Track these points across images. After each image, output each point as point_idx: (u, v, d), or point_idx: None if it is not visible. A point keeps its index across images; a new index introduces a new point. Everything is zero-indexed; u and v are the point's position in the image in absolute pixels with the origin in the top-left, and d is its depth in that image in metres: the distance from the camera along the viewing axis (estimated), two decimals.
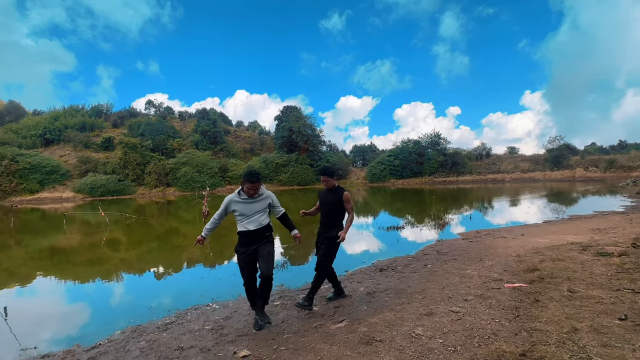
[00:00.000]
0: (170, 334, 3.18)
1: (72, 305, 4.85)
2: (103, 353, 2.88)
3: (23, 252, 9.31)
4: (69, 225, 13.85)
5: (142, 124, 56.86)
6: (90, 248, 9.41)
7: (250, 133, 74.29)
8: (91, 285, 5.73)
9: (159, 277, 6.07)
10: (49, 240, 11.00)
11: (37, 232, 12.91)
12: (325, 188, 3.78)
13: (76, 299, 5.18)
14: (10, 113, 63.63)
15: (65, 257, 8.40)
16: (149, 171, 47.26)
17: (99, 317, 4.14)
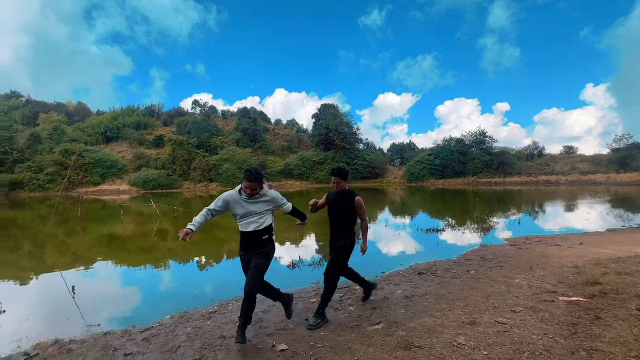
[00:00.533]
0: (213, 322, 3.36)
1: (127, 289, 5.32)
2: (155, 335, 3.12)
3: (87, 238, 10.41)
4: (125, 215, 15.21)
5: (189, 122, 60.48)
6: (142, 237, 10.25)
7: (288, 131, 75.73)
8: (142, 271, 6.24)
9: (201, 268, 6.44)
10: (108, 228, 12.17)
11: (98, 221, 14.35)
12: (334, 191, 3.48)
13: (130, 282, 5.67)
14: (78, 113, 71.12)
15: (121, 244, 9.24)
16: (194, 167, 50.21)
17: (150, 302, 4.50)
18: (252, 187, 2.79)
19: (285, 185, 50.77)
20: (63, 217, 15.45)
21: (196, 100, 73.61)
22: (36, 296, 4.96)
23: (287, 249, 7.52)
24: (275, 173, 53.35)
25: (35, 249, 8.75)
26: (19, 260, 7.47)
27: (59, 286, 5.17)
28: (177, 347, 2.85)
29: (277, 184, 50.70)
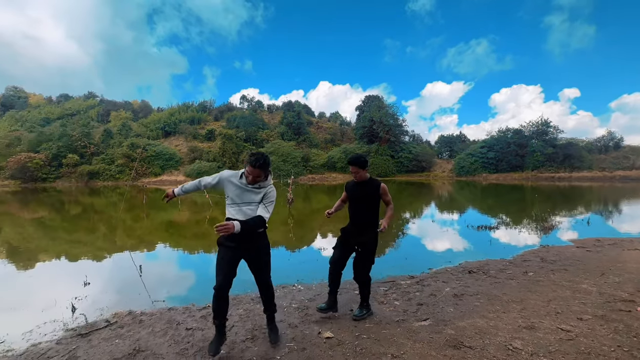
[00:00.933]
0: (262, 307, 3.55)
1: (184, 271, 5.82)
2: (211, 314, 3.39)
3: (149, 223, 11.54)
4: (182, 204, 16.57)
5: (237, 117, 63.45)
6: (195, 224, 11.09)
7: (332, 124, 75.83)
8: (196, 256, 6.78)
9: None
10: (167, 215, 13.35)
11: (159, 208, 15.80)
12: (352, 180, 3.25)
13: (186, 265, 6.20)
14: (142, 110, 78.35)
15: (178, 230, 10.10)
16: (242, 160, 52.73)
17: (204, 283, 4.88)
18: (255, 175, 2.47)
19: (328, 178, 51.13)
20: (130, 204, 17.31)
21: (244, 96, 76.83)
22: (111, 272, 5.65)
23: (330, 241, 7.61)
24: (318, 166, 53.96)
25: (109, 232, 9.95)
26: (96, 241, 8.56)
27: (129, 265, 5.84)
28: (231, 326, 3.07)
29: (320, 177, 51.26)
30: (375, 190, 3.08)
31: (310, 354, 2.52)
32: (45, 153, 49.60)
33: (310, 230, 9.15)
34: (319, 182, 43.05)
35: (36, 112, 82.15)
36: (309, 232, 8.78)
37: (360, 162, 3.07)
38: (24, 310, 3.83)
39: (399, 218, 11.22)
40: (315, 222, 10.57)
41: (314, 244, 7.41)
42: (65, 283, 5.02)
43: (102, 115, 74.34)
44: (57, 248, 7.62)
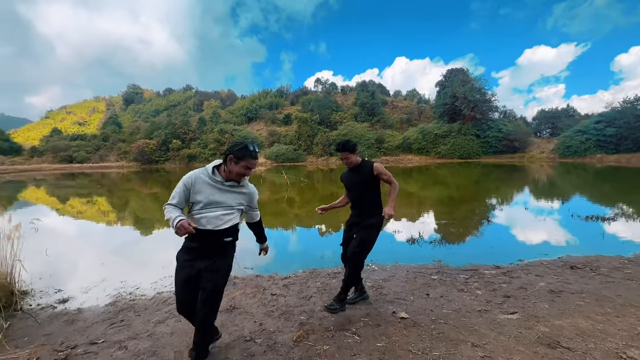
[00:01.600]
0: (338, 282, 3.73)
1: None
2: (292, 283, 3.73)
3: None
4: (263, 184, 18.07)
5: (312, 100, 64.93)
6: (274, 203, 11.99)
7: (408, 102, 71.86)
8: (275, 232, 7.38)
9: (322, 234, 7.11)
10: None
11: None
12: (346, 169, 3.04)
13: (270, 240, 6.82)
14: (229, 99, 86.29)
15: (261, 208, 11.09)
16: (316, 142, 54.25)
17: (285, 257, 5.33)
18: (252, 167, 2.04)
19: (402, 160, 49.15)
20: None
21: (318, 79, 77.92)
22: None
23: (405, 224, 7.43)
24: (392, 147, 52.18)
25: None
26: None
27: None
28: (309, 296, 3.33)
29: (394, 159, 49.62)
30: (369, 171, 2.83)
31: (384, 331, 2.58)
32: (156, 139, 59.15)
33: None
34: (393, 164, 41.76)
35: (149, 105, 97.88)
36: None
37: (350, 147, 2.84)
38: (150, 266, 4.79)
39: (482, 204, 10.25)
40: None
41: (387, 226, 7.33)
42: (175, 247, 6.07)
43: (197, 105, 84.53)
44: None
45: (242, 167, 2.01)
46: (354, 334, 2.56)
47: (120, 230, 8.04)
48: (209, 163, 2.09)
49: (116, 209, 11.71)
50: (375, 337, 2.50)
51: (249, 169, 2.03)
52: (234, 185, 2.09)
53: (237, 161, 1.99)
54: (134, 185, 21.94)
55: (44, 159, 63.22)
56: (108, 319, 3.01)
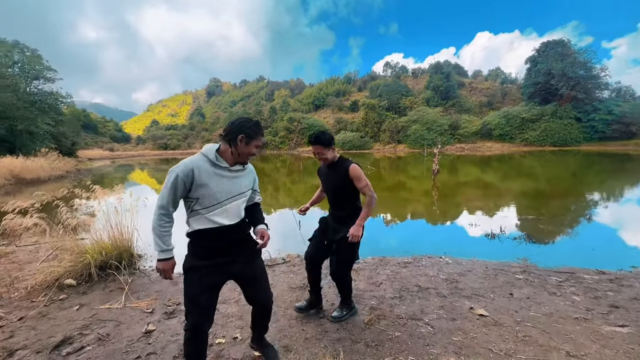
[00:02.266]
0: (409, 271, 3.66)
1: None
2: (361, 269, 3.78)
3: (304, 186, 13.44)
4: None
5: (380, 85, 62.92)
6: None
7: (490, 83, 64.67)
8: None
9: (387, 223, 6.97)
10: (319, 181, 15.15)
11: (310, 174, 18.09)
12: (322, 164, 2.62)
13: None
14: (297, 87, 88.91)
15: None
16: (383, 129, 52.77)
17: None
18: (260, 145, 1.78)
19: (480, 147, 44.75)
20: (290, 170, 20.58)
21: (387, 63, 74.87)
22: (281, 224, 7.04)
23: (482, 217, 6.83)
24: (469, 134, 47.80)
25: (274, 191, 12.24)
26: (266, 199, 10.75)
27: (290, 219, 7.07)
28: (379, 282, 3.34)
29: (470, 147, 45.54)
30: (345, 174, 2.40)
31: (461, 326, 2.47)
32: None
33: (455, 205, 8.44)
34: (468, 153, 38.33)
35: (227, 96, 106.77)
36: (453, 207, 8.13)
37: (323, 140, 2.39)
38: None
39: (581, 199, 8.80)
40: (460, 196, 9.66)
41: (460, 219, 6.84)
42: None
43: (269, 95, 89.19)
44: None
45: (253, 147, 1.74)
46: (427, 324, 2.50)
47: None
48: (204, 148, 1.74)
49: None
50: (451, 330, 2.41)
51: (259, 148, 1.80)
52: (239, 169, 1.80)
53: (249, 141, 1.71)
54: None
55: (146, 146, 74.58)
56: None
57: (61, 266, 3.53)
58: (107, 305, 3.00)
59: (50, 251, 4.21)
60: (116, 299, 3.11)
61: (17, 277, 3.53)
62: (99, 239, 3.88)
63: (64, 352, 2.27)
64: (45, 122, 25.71)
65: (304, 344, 2.31)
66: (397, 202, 9.19)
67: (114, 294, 3.23)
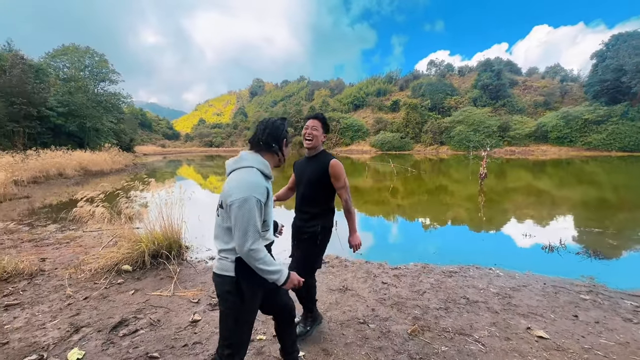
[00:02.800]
0: (454, 281, 3.44)
1: (367, 231, 6.43)
2: (403, 275, 3.64)
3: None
4: (368, 172, 18.10)
5: (423, 84, 60.73)
6: (377, 191, 11.84)
7: (547, 81, 59.48)
8: (375, 219, 7.27)
9: (426, 227, 6.64)
10: (354, 181, 14.97)
11: (348, 174, 17.94)
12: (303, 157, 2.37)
13: (367, 227, 6.80)
14: (337, 87, 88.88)
15: (362, 195, 11.15)
16: (425, 130, 50.85)
17: (392, 247, 5.23)
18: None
19: (534, 151, 41.32)
20: None
21: (432, 61, 72.01)
22: None
23: (536, 228, 6.24)
24: (521, 136, 44.37)
25: None
26: None
27: None
28: (423, 291, 3.18)
29: (522, 150, 42.29)
30: (325, 168, 2.16)
31: (517, 347, 2.25)
32: None
33: (504, 212, 7.83)
34: (519, 156, 35.53)
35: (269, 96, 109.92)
36: (502, 214, 7.54)
37: (325, 121, 2.27)
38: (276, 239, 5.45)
39: None
40: (510, 203, 8.94)
41: (511, 227, 6.31)
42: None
43: (309, 95, 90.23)
44: None
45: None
46: (477, 341, 2.32)
47: None
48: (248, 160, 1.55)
49: None
50: (505, 351, 2.20)
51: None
52: None
53: (288, 142, 1.74)
54: None
55: (193, 143, 79.41)
56: None
57: (119, 252, 3.83)
58: (158, 292, 3.19)
59: (111, 238, 4.61)
60: (166, 287, 3.30)
61: (83, 260, 3.90)
62: (152, 229, 4.16)
63: (121, 334, 2.45)
64: (109, 120, 28.50)
65: (344, 349, 2.25)
66: (438, 207, 8.76)
67: (164, 282, 3.43)
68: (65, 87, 25.51)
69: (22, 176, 11.70)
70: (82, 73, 29.31)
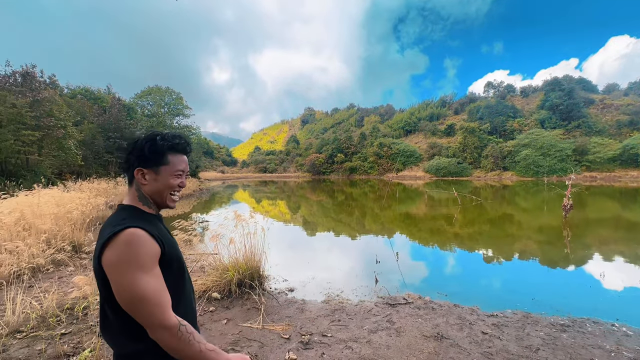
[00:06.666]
0: (571, 338, 2.97)
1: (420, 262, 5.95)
2: (503, 325, 3.24)
3: (391, 213, 12.84)
4: (422, 198, 17.28)
5: (481, 107, 57.90)
6: (432, 219, 11.10)
7: (632, 99, 52.72)
8: (429, 249, 6.73)
9: (510, 267, 5.94)
10: (406, 207, 14.33)
11: (400, 201, 17.30)
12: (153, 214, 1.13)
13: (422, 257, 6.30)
14: (387, 113, 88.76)
15: (415, 222, 10.53)
16: (485, 154, 47.74)
17: (478, 288, 4.76)
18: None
19: (620, 177, 36.02)
20: (377, 195, 20.17)
21: (489, 82, 68.77)
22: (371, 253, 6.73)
23: (629, 269, 5.22)
24: (602, 160, 39.20)
25: (361, 216, 12.04)
26: (352, 222, 10.61)
27: (382, 248, 6.70)
28: (535, 348, 2.78)
29: (605, 175, 37.19)
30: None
31: None
32: (324, 154, 67.72)
33: (603, 252, 6.73)
34: (602, 183, 31.13)
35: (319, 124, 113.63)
36: (600, 254, 6.48)
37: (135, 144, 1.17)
38: (341, 271, 5.35)
39: None
40: (596, 237, 7.69)
41: (615, 271, 5.37)
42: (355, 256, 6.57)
43: (358, 121, 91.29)
44: (331, 224, 10.28)
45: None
46: None
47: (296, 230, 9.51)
48: None
49: (291, 211, 14.20)
50: None
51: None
52: None
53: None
54: (305, 192, 25.86)
55: (249, 169, 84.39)
56: (327, 315, 3.51)
57: (209, 279, 4.06)
58: (248, 323, 3.26)
59: (197, 263, 4.92)
60: (254, 318, 3.36)
61: None
62: (235, 257, 4.35)
63: None
64: None
65: None
66: (522, 244, 7.89)
67: (251, 313, 3.51)
68: (149, 122, 29.36)
69: (114, 201, 13.40)
70: (162, 109, 33.64)
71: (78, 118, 21.61)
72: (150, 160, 1.06)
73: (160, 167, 1.08)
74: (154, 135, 1.09)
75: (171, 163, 1.09)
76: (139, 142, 1.08)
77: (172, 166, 1.09)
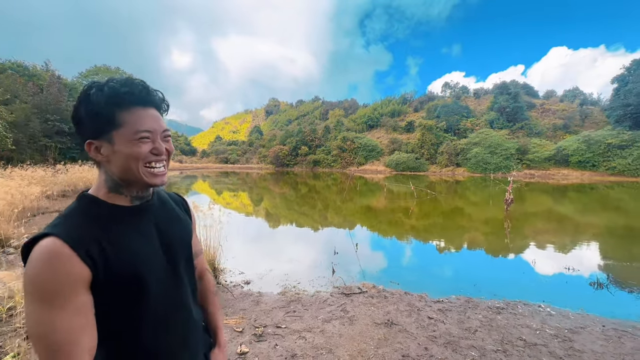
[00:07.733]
0: (505, 319, 3.27)
1: (387, 254, 6.26)
2: (447, 310, 3.48)
3: (352, 205, 13.22)
4: (381, 192, 17.93)
5: (438, 106, 60.94)
6: (390, 212, 11.62)
7: (566, 105, 58.73)
8: (388, 240, 7.09)
9: (457, 256, 6.42)
10: (367, 200, 14.82)
11: (361, 194, 17.80)
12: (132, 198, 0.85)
13: (379, 247, 6.62)
14: (351, 107, 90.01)
15: (374, 215, 10.97)
16: (441, 151, 50.49)
17: (428, 276, 5.06)
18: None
19: (554, 175, 40.23)
20: (339, 188, 20.56)
21: (447, 83, 72.58)
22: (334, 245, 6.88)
23: (576, 259, 5.94)
24: (540, 159, 43.41)
25: (323, 209, 12.24)
26: (314, 214, 10.76)
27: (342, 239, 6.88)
28: (474, 329, 3.02)
29: (541, 173, 41.28)
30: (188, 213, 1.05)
31: None
32: (288, 146, 67.14)
33: (538, 241, 7.51)
34: (539, 180, 34.58)
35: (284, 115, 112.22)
36: (535, 243, 7.23)
37: None
38: (300, 263, 5.38)
39: None
40: (542, 232, 8.59)
41: (548, 259, 6.03)
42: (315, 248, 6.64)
43: (323, 114, 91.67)
44: (293, 216, 10.30)
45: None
46: None
47: (257, 222, 9.40)
48: None
49: (253, 203, 14.00)
50: None
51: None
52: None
53: None
54: (268, 184, 25.55)
55: (209, 159, 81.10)
56: (283, 306, 3.50)
57: None
58: None
59: None
60: None
61: None
62: None
63: None
64: None
65: None
66: (462, 232, 8.51)
67: None
68: None
69: (53, 190, 12.12)
70: None
71: (8, 96, 19.05)
72: (94, 126, 0.74)
73: (112, 133, 0.73)
74: (89, 88, 0.74)
75: (126, 123, 0.73)
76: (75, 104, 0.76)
77: (128, 127, 0.74)
